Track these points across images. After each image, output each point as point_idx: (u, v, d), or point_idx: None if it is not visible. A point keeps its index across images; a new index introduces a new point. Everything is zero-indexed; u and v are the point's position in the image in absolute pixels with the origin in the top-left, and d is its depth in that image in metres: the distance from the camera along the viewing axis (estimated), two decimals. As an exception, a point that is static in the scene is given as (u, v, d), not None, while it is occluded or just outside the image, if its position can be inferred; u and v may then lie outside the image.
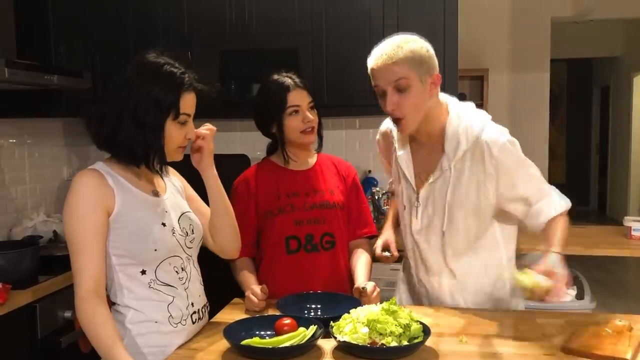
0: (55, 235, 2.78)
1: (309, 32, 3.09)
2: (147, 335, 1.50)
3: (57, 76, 2.52)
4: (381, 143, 2.03)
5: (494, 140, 1.70)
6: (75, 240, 1.42)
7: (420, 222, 1.82)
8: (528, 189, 1.74)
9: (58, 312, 2.23)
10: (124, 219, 1.47)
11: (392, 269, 2.80)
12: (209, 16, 3.17)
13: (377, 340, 1.42)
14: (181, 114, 1.49)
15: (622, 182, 8.88)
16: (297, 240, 1.96)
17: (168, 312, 1.52)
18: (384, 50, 1.66)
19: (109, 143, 1.50)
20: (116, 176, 1.50)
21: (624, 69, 8.77)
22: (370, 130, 3.51)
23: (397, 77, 1.64)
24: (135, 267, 1.49)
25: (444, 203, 1.76)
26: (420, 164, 1.82)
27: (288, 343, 1.45)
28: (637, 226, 2.92)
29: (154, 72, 1.49)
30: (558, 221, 1.73)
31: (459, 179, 1.74)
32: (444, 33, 3.00)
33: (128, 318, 1.50)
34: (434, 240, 1.82)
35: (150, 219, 1.51)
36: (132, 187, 1.52)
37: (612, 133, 9.48)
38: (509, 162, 1.70)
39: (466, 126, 1.72)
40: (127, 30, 3.20)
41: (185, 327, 1.56)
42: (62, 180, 3.27)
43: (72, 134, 3.36)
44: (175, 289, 1.54)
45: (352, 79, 3.07)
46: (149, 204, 1.54)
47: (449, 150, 1.73)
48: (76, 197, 1.44)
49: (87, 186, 1.45)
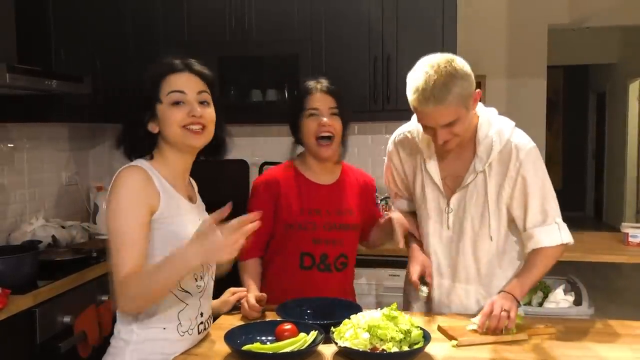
0: (54, 240, 2.78)
1: (308, 38, 3.10)
2: (155, 341, 1.48)
3: (57, 81, 2.52)
4: (398, 153, 1.94)
5: (523, 144, 1.74)
6: (120, 234, 1.38)
7: (452, 229, 1.82)
8: (534, 201, 1.74)
9: (57, 317, 2.23)
10: (165, 221, 1.45)
11: (390, 274, 2.81)
12: (209, 22, 3.19)
13: (377, 346, 1.42)
14: (169, 92, 1.47)
15: (618, 188, 8.91)
16: (312, 258, 1.95)
17: (178, 319, 1.50)
18: (431, 92, 1.58)
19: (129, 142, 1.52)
20: (158, 176, 1.48)
21: (620, 76, 8.82)
22: (370, 136, 3.52)
23: (448, 120, 1.63)
24: None
25: (479, 205, 1.77)
26: (445, 170, 1.82)
27: (289, 348, 1.46)
28: (634, 232, 2.94)
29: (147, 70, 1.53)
30: (543, 255, 1.75)
31: (489, 181, 1.75)
32: (442, 40, 3.02)
33: (138, 321, 1.48)
34: (466, 247, 1.81)
35: (186, 225, 1.47)
36: (173, 190, 1.51)
37: (608, 139, 9.52)
38: (531, 167, 1.73)
39: (498, 129, 1.75)
40: (127, 35, 3.22)
41: (191, 337, 1.54)
42: (62, 185, 3.27)
43: (72, 138, 3.37)
44: (191, 296, 1.52)
45: (351, 85, 3.09)
46: (187, 210, 1.53)
47: (481, 152, 1.75)
48: (124, 190, 1.40)
49: (135, 181, 1.42)
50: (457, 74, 1.60)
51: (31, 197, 3.02)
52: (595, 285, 5.49)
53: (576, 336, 1.63)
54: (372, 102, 3.09)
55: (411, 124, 1.90)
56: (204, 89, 1.53)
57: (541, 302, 2.89)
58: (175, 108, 1.47)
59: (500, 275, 1.82)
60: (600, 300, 5.04)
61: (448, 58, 1.63)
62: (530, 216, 1.75)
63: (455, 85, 1.59)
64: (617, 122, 9.03)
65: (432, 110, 1.60)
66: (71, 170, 3.36)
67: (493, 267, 1.82)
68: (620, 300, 5.61)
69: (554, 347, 1.56)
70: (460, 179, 1.80)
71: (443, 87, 1.58)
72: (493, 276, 1.82)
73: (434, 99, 1.58)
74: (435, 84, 1.58)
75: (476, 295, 1.84)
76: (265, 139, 3.60)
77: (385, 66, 3.06)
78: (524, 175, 1.73)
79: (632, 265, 5.16)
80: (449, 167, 1.81)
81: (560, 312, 2.76)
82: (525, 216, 1.76)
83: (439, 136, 1.66)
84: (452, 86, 1.58)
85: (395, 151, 1.94)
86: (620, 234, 3.03)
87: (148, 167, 1.49)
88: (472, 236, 1.80)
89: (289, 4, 3.11)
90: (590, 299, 2.92)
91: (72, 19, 2.88)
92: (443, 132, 1.65)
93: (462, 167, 1.79)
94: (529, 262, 1.78)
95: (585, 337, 1.62)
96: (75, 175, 3.38)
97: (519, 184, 1.74)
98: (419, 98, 1.61)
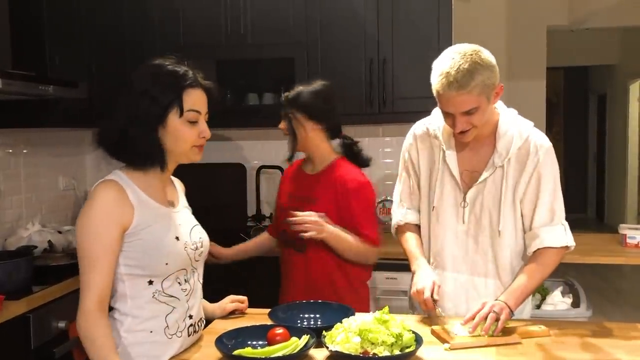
0: (50, 245, 2.77)
1: (304, 42, 3.10)
2: (142, 344, 1.49)
3: (53, 86, 2.52)
4: (417, 146, 1.92)
5: (542, 142, 1.77)
6: (87, 255, 1.43)
7: (467, 224, 1.82)
8: (545, 199, 1.76)
9: (52, 322, 2.23)
10: (139, 232, 1.47)
11: (387, 277, 2.80)
12: (205, 26, 3.19)
13: (369, 350, 1.42)
14: (187, 110, 1.49)
15: (619, 189, 8.89)
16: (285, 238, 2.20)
17: (165, 322, 1.51)
18: (455, 77, 1.61)
19: (118, 151, 1.51)
20: (135, 188, 1.49)
21: (620, 77, 8.80)
22: (366, 139, 3.51)
23: (468, 107, 1.65)
24: (144, 278, 1.48)
25: (496, 200, 1.77)
26: (462, 165, 1.83)
27: (280, 353, 1.45)
28: (632, 234, 2.93)
29: (155, 72, 1.50)
30: (545, 256, 1.76)
31: (507, 177, 1.76)
32: (438, 43, 3.01)
33: (125, 326, 1.49)
34: (484, 242, 1.81)
35: (164, 233, 1.51)
36: (150, 199, 1.52)
37: (609, 140, 9.50)
38: (547, 166, 1.76)
39: (519, 126, 1.78)
40: (123, 40, 3.22)
41: (180, 339, 1.54)
42: (58, 190, 3.27)
43: (68, 144, 3.37)
44: (177, 300, 1.53)
45: (347, 88, 3.08)
46: (164, 216, 1.54)
47: (501, 148, 1.76)
48: (94, 211, 1.44)
49: (106, 201, 1.44)
50: (483, 63, 1.63)
51: (27, 202, 3.02)
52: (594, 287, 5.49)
53: (571, 339, 1.62)
54: (368, 105, 3.09)
55: (432, 118, 1.91)
56: (207, 108, 1.57)
57: (539, 304, 2.88)
58: (190, 126, 1.50)
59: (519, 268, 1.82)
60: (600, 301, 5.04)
61: (475, 48, 1.67)
62: (539, 214, 1.77)
63: (479, 74, 1.61)
64: (617, 124, 9.01)
65: (455, 95, 1.62)
66: (68, 175, 3.36)
67: (513, 262, 1.82)
68: (620, 301, 5.59)
69: (548, 349, 1.55)
70: (476, 175, 1.80)
71: (467, 73, 1.60)
72: (513, 271, 1.82)
73: (457, 84, 1.61)
74: (459, 69, 1.61)
75: (495, 290, 1.82)
76: (262, 143, 3.60)
77: (381, 69, 3.06)
78: (540, 172, 1.75)
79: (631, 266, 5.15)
80: (467, 162, 1.82)
81: (558, 314, 2.76)
82: (534, 214, 1.77)
83: (458, 123, 1.68)
84: (476, 74, 1.61)
85: (414, 144, 1.93)
86: (619, 235, 3.02)
87: (124, 178, 1.50)
88: (490, 232, 1.80)
89: (284, 8, 3.11)
90: (589, 300, 2.91)
91: (68, 24, 2.88)
92: (462, 120, 1.67)
93: (479, 163, 1.80)
94: (527, 269, 1.76)
95: (580, 340, 1.61)
96: (72, 180, 3.38)
97: (534, 180, 1.76)
98: (443, 81, 1.63)
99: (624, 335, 1.65)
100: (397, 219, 2.01)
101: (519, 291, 1.72)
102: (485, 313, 1.62)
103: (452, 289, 1.86)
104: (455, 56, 1.64)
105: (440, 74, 1.64)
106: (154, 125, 1.48)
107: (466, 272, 1.85)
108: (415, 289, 1.74)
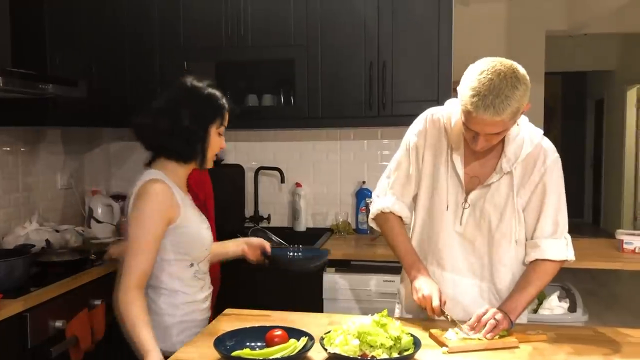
0: (48, 244, 2.77)
1: (304, 44, 3.11)
2: (191, 313, 1.83)
3: (52, 85, 2.52)
4: (429, 132, 1.84)
5: (551, 152, 1.75)
6: (138, 243, 1.69)
7: (464, 226, 1.79)
8: (549, 211, 1.74)
9: (49, 321, 2.22)
10: (183, 226, 1.77)
11: (385, 280, 2.80)
12: (205, 28, 3.19)
13: (367, 353, 1.42)
14: (222, 124, 1.83)
15: (616, 195, 8.91)
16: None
17: (202, 293, 1.88)
18: (492, 102, 1.53)
19: (163, 148, 1.79)
20: (174, 186, 1.78)
21: (618, 83, 8.83)
22: (365, 141, 3.52)
23: (496, 131, 1.60)
24: (188, 262, 1.82)
25: (499, 206, 1.75)
26: (466, 165, 1.79)
27: (278, 354, 1.45)
28: (628, 239, 2.93)
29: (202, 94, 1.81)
30: (542, 271, 1.75)
31: (513, 183, 1.74)
32: (438, 46, 3.02)
33: (179, 299, 1.81)
34: (480, 246, 1.80)
35: (200, 224, 1.86)
36: (185, 197, 1.84)
37: (606, 146, 9.53)
38: (554, 175, 1.74)
39: (529, 132, 1.75)
40: (123, 40, 3.22)
41: (208, 306, 1.92)
42: (56, 189, 3.26)
43: (67, 142, 3.36)
44: (206, 276, 1.92)
45: (347, 90, 3.09)
46: (195, 209, 1.88)
47: (510, 153, 1.73)
48: (148, 208, 1.71)
49: (157, 201, 1.71)
50: (520, 88, 1.55)
51: (25, 201, 3.01)
52: (591, 292, 5.50)
53: (567, 343, 1.62)
54: (368, 108, 3.09)
55: (444, 110, 1.84)
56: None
57: (536, 309, 2.88)
58: (219, 138, 1.85)
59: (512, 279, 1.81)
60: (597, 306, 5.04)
61: (512, 67, 1.58)
62: (541, 225, 1.75)
63: (515, 100, 1.54)
64: (615, 129, 9.04)
65: (487, 119, 1.55)
66: (66, 174, 3.35)
67: (509, 269, 1.80)
68: (617, 306, 5.60)
69: (545, 353, 1.55)
70: (476, 180, 1.78)
71: (505, 99, 1.53)
72: (508, 277, 1.80)
73: (493, 109, 1.53)
74: (498, 95, 1.53)
75: (489, 294, 1.82)
76: (261, 144, 3.60)
77: (381, 72, 3.06)
78: (546, 182, 1.73)
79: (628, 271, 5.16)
80: (471, 164, 1.79)
81: (554, 318, 2.76)
82: (537, 224, 1.76)
83: (479, 143, 1.63)
84: (513, 100, 1.53)
85: (424, 130, 1.84)
86: (616, 240, 3.02)
87: (165, 177, 1.77)
88: (488, 236, 1.78)
89: (285, 10, 3.11)
90: (585, 305, 2.91)
91: (68, 24, 2.87)
92: (484, 140, 1.62)
93: (482, 167, 1.77)
94: (526, 280, 1.76)
95: (576, 344, 1.61)
96: (70, 179, 3.37)
97: (539, 189, 1.74)
98: (478, 103, 1.54)
99: (621, 340, 1.66)
100: (384, 205, 1.90)
101: (520, 302, 1.72)
102: (488, 318, 1.62)
103: (444, 289, 1.83)
104: (493, 77, 1.54)
105: (476, 94, 1.54)
106: (207, 126, 1.79)
107: (460, 273, 1.83)
108: (421, 294, 1.73)
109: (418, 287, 1.76)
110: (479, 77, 1.56)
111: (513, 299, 1.73)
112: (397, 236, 1.89)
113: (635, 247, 2.91)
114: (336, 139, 3.55)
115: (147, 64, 3.24)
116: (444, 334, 1.64)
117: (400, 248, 1.89)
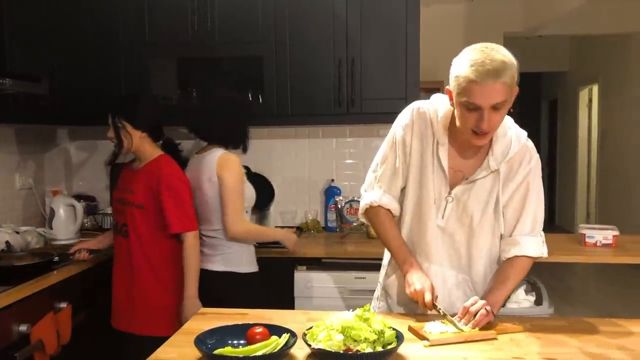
0: (8, 246, 2.66)
1: (272, 40, 3.08)
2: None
3: (12, 80, 2.42)
4: (415, 125, 1.83)
5: (535, 151, 1.80)
6: (235, 199, 2.45)
7: (446, 219, 1.81)
8: (530, 209, 1.79)
9: (13, 326, 2.13)
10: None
11: (356, 277, 2.80)
12: (170, 23, 3.13)
13: (351, 347, 1.41)
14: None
15: (570, 192, 9.20)
16: (115, 224, 2.58)
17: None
18: (491, 65, 1.57)
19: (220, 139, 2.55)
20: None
21: (571, 84, 9.12)
22: (334, 139, 3.52)
23: (501, 99, 1.60)
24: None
25: (482, 202, 1.78)
26: (450, 162, 1.80)
27: (261, 352, 1.43)
28: (590, 233, 3.03)
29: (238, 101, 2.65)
30: (520, 267, 1.80)
31: (499, 179, 1.77)
32: (406, 44, 3.05)
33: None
34: (459, 239, 1.82)
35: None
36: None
37: (560, 145, 9.82)
38: (537, 175, 1.79)
39: (516, 132, 1.79)
40: (86, 36, 3.13)
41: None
42: (14, 189, 3.14)
43: (22, 142, 3.23)
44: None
45: (316, 88, 3.08)
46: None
47: (497, 151, 1.75)
48: (239, 170, 2.48)
49: (240, 166, 2.51)
50: (510, 57, 1.62)
51: (-18, 202, 2.89)
52: (551, 286, 5.64)
53: (543, 334, 1.65)
54: (337, 105, 3.09)
55: (431, 104, 1.84)
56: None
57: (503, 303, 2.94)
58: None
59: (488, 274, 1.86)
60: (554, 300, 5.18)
61: (498, 46, 1.65)
62: (522, 223, 1.79)
63: (510, 66, 1.60)
64: (568, 129, 9.33)
65: (491, 83, 1.57)
66: (25, 174, 3.23)
67: (485, 263, 1.84)
68: (573, 300, 5.78)
69: (524, 344, 1.58)
70: (460, 174, 1.79)
71: (501, 63, 1.58)
72: (484, 271, 1.85)
73: (494, 72, 1.56)
74: (494, 59, 1.58)
75: (464, 286, 1.86)
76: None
77: (350, 69, 3.07)
78: (530, 181, 1.77)
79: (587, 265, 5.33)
80: (455, 160, 1.80)
81: (522, 312, 2.81)
82: (517, 222, 1.80)
83: (486, 120, 1.61)
84: (508, 65, 1.59)
85: (410, 123, 1.83)
86: (577, 235, 3.11)
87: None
88: (469, 231, 1.81)
89: (252, 5, 3.08)
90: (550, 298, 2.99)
91: (28, 18, 2.77)
92: (489, 116, 1.61)
93: (465, 163, 1.79)
94: (504, 274, 1.79)
95: (552, 335, 1.65)
96: (29, 179, 3.25)
97: (522, 188, 1.78)
98: (479, 69, 1.57)
99: (594, 329, 1.70)
100: (372, 199, 1.90)
101: (501, 296, 1.76)
102: (477, 308, 1.65)
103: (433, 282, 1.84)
104: (485, 49, 1.61)
105: (473, 64, 1.58)
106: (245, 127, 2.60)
107: (443, 265, 1.85)
108: (413, 289, 1.75)
109: (411, 282, 1.77)
110: (472, 53, 1.62)
111: (494, 293, 1.76)
112: (388, 230, 1.90)
113: (597, 241, 3.01)
114: (305, 137, 3.54)
115: (111, 60, 3.15)
116: (424, 327, 1.65)
117: (392, 243, 1.90)
